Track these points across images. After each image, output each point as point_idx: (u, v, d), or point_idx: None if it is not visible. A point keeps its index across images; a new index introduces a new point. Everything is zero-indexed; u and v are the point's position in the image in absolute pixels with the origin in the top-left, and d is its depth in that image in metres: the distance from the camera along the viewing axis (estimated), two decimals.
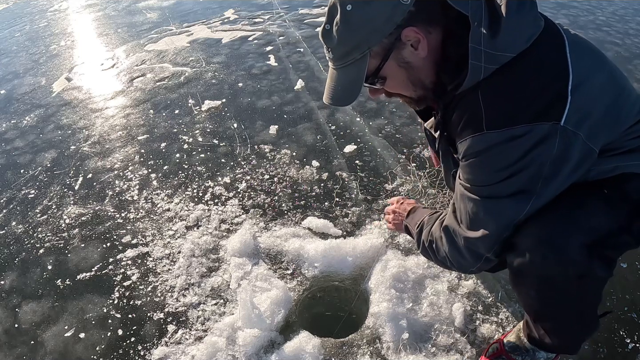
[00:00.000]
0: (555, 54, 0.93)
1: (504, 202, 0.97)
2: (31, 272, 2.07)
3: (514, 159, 0.91)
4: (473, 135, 0.95)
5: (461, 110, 0.99)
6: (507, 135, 0.89)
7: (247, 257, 1.94)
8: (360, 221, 2.09)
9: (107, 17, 6.36)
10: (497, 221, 1.01)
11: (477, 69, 0.92)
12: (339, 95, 1.08)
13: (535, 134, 0.88)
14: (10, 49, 5.53)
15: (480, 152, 0.95)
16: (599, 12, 4.96)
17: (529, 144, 0.89)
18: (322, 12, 5.29)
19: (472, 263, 1.13)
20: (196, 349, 1.60)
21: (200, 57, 4.27)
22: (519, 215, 0.98)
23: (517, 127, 0.88)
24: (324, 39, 1.03)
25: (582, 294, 1.08)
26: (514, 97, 0.91)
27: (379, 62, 1.01)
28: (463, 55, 0.93)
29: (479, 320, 1.60)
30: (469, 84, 0.95)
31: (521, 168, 0.91)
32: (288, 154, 2.67)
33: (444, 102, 1.04)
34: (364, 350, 1.54)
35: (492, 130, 0.91)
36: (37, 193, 2.61)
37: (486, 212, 1.01)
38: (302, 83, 3.52)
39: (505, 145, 0.90)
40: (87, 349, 1.67)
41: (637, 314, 1.59)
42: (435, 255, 1.22)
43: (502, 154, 0.92)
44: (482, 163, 0.96)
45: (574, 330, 1.21)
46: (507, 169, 0.92)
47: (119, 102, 3.62)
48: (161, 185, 2.52)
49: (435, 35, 0.98)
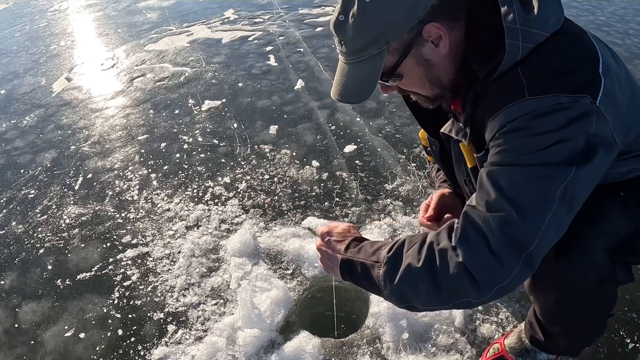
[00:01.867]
0: (583, 37, 0.90)
1: (548, 169, 0.82)
2: (31, 272, 2.07)
3: (558, 125, 0.82)
4: (513, 103, 0.85)
5: (498, 90, 0.90)
6: (552, 101, 0.82)
7: (247, 257, 1.94)
8: (360, 221, 2.09)
9: (107, 17, 6.36)
10: (544, 192, 0.82)
11: (515, 48, 0.86)
12: (350, 92, 0.99)
13: (579, 105, 0.82)
14: (10, 49, 5.54)
15: (521, 116, 0.84)
16: (599, 12, 4.96)
17: (573, 113, 0.81)
18: (322, 12, 5.29)
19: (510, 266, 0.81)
20: (196, 349, 1.59)
21: (200, 57, 4.27)
22: (561, 185, 0.82)
23: (561, 95, 0.82)
24: (336, 30, 0.94)
25: (600, 299, 1.08)
26: (554, 71, 0.86)
27: (396, 59, 0.94)
28: (493, 39, 0.89)
29: (479, 320, 1.60)
30: (506, 66, 0.88)
31: (565, 137, 0.82)
32: (288, 154, 2.67)
33: (476, 90, 0.94)
34: (364, 350, 1.54)
35: (536, 96, 0.83)
36: (37, 193, 2.61)
37: (531, 183, 0.83)
38: (302, 83, 3.52)
39: (550, 110, 0.82)
40: (87, 349, 1.67)
41: (637, 314, 1.59)
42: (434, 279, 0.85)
43: (547, 119, 0.82)
44: (524, 128, 0.84)
45: (584, 333, 1.21)
46: (552, 134, 0.82)
47: (119, 102, 3.63)
48: (161, 185, 2.52)
49: (458, 31, 0.93)
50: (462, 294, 0.84)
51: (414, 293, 0.88)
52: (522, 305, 1.64)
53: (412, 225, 2.02)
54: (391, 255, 0.92)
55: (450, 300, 0.86)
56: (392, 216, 2.09)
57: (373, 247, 0.99)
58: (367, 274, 0.96)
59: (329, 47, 4.22)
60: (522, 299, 1.66)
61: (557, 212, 0.82)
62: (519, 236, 0.81)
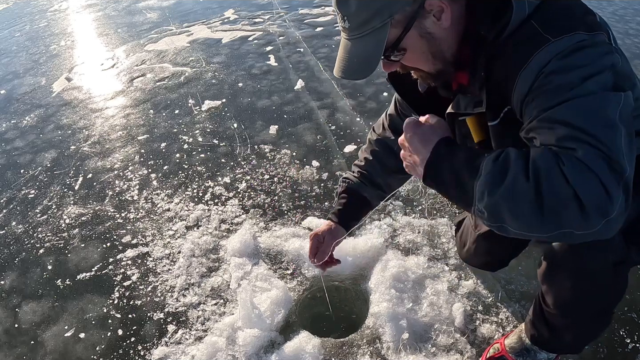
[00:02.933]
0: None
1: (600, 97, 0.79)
2: (31, 272, 2.07)
3: (592, 58, 0.81)
4: (539, 50, 0.83)
5: (515, 45, 0.88)
6: (577, 38, 0.82)
7: (247, 257, 1.94)
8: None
9: (107, 17, 6.36)
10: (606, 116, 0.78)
11: (522, 5, 0.88)
12: (354, 68, 0.97)
13: (600, 42, 0.84)
14: (10, 49, 5.54)
15: (554, 57, 0.82)
16: (599, 12, 4.89)
17: (600, 48, 0.83)
18: (322, 12, 5.29)
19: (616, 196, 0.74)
20: (196, 349, 1.59)
21: (200, 57, 4.27)
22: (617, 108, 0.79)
23: (582, 33, 0.83)
24: (339, 6, 0.93)
25: (614, 283, 1.08)
26: (567, 15, 0.88)
27: (400, 32, 0.93)
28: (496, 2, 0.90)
29: (479, 320, 1.60)
30: (516, 23, 0.89)
31: (602, 68, 0.81)
32: (288, 154, 2.66)
33: (487, 54, 0.93)
34: (364, 350, 1.54)
35: (559, 37, 0.83)
36: (37, 193, 2.61)
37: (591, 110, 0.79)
38: (302, 83, 3.52)
39: (578, 46, 0.82)
40: (87, 349, 1.67)
41: (637, 314, 1.59)
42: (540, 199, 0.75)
43: (579, 53, 0.82)
44: (563, 65, 0.82)
45: (591, 326, 1.21)
46: (589, 66, 0.81)
47: (119, 102, 3.63)
48: (161, 185, 2.52)
49: (460, 3, 0.94)
50: (566, 222, 0.75)
51: (513, 212, 0.78)
52: (522, 305, 1.64)
53: (412, 225, 2.02)
54: (498, 164, 0.79)
55: (551, 225, 0.77)
56: (392, 216, 2.09)
57: (468, 153, 0.88)
58: (458, 181, 0.85)
59: (329, 47, 4.22)
60: (522, 299, 1.66)
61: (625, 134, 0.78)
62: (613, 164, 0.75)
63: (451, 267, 1.80)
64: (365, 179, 1.45)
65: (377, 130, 1.49)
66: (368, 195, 1.45)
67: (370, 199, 1.46)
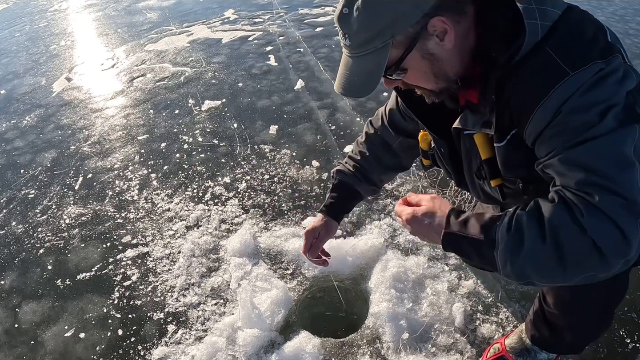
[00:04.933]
0: (586, 11, 0.93)
1: (615, 135, 0.82)
2: (31, 272, 2.07)
3: (608, 93, 0.83)
4: (559, 84, 0.84)
5: (528, 73, 0.88)
6: (595, 69, 0.83)
7: (247, 257, 1.94)
8: (360, 221, 2.09)
9: (107, 17, 6.36)
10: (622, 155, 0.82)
11: (534, 28, 0.87)
12: (354, 86, 0.98)
13: (617, 66, 0.84)
14: (10, 49, 5.54)
15: (574, 94, 0.83)
16: (599, 12, 4.96)
17: (616, 76, 0.84)
18: (322, 12, 5.29)
19: (633, 237, 0.80)
20: (196, 349, 1.59)
21: (200, 57, 4.27)
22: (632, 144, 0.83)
23: (599, 62, 0.83)
24: (340, 24, 0.93)
25: (614, 284, 1.08)
26: (581, 42, 0.87)
27: (401, 53, 0.93)
28: (509, 22, 0.89)
29: (479, 320, 1.60)
30: (528, 47, 0.87)
31: (617, 101, 0.83)
32: (288, 154, 2.66)
33: (498, 76, 0.92)
34: (364, 350, 1.54)
35: (578, 70, 0.83)
36: (37, 193, 2.61)
37: (608, 152, 0.82)
38: (302, 83, 3.51)
39: (596, 80, 0.83)
40: (87, 349, 1.67)
41: (637, 314, 1.59)
42: (562, 256, 0.82)
43: (597, 89, 0.83)
44: (581, 103, 0.83)
45: (592, 326, 1.21)
46: (604, 103, 0.83)
47: (119, 102, 3.63)
48: (161, 185, 2.52)
49: (464, 24, 0.93)
50: (588, 269, 0.83)
51: (537, 272, 0.86)
52: (522, 305, 1.64)
53: None
54: (512, 235, 0.86)
55: (575, 276, 0.84)
56: (392, 216, 2.09)
57: (480, 222, 0.93)
58: (478, 251, 0.92)
59: (329, 47, 4.22)
60: (522, 299, 1.66)
61: None
62: (630, 205, 0.80)
63: (451, 267, 1.80)
64: (360, 174, 1.44)
65: (375, 124, 1.48)
66: (361, 190, 1.45)
67: (363, 193, 1.46)
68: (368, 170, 1.44)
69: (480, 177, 1.11)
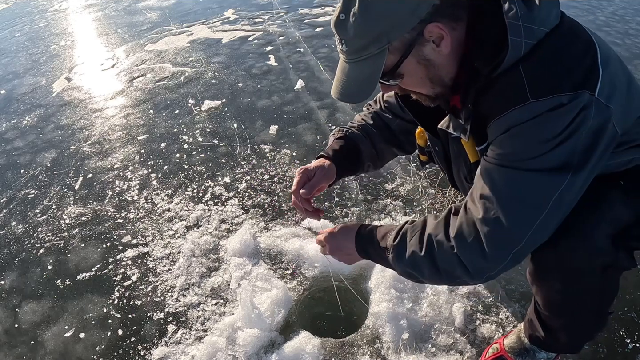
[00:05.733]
0: (579, 30, 0.92)
1: (545, 176, 0.88)
2: (31, 272, 2.07)
3: (560, 129, 0.85)
4: (517, 107, 0.87)
5: (500, 88, 0.91)
6: (555, 102, 0.84)
7: (247, 257, 1.94)
8: (361, 221, 2.09)
9: (107, 17, 6.36)
10: (539, 198, 0.89)
11: (518, 45, 0.88)
12: (351, 92, 0.99)
13: (578, 102, 0.84)
14: (10, 49, 5.54)
15: (525, 122, 0.87)
16: (599, 12, 4.96)
17: (573, 112, 0.84)
18: (322, 12, 5.29)
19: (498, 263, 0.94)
20: (196, 349, 1.60)
21: (200, 57, 4.27)
22: (556, 192, 0.89)
23: (562, 95, 0.84)
24: (337, 29, 0.93)
25: (604, 287, 1.08)
26: (555, 69, 0.87)
27: (397, 59, 0.94)
28: (497, 36, 0.90)
29: (479, 320, 1.60)
30: (509, 63, 0.89)
31: (565, 138, 0.86)
32: (288, 154, 2.67)
33: (478, 87, 0.95)
34: (364, 350, 1.54)
35: (538, 99, 0.85)
36: (37, 193, 2.61)
37: (527, 187, 0.89)
38: (302, 83, 3.52)
39: (552, 113, 0.85)
40: (87, 349, 1.67)
41: (637, 314, 1.59)
42: (435, 265, 1.00)
43: (549, 123, 0.85)
44: (527, 134, 0.88)
45: (585, 327, 1.21)
46: (554, 139, 0.86)
47: (119, 102, 3.63)
48: (161, 185, 2.52)
49: (460, 30, 0.93)
50: (458, 277, 0.99)
51: (420, 274, 1.04)
52: (522, 305, 1.64)
53: None
54: (397, 243, 1.06)
55: (450, 280, 1.02)
56: (392, 216, 2.09)
57: (381, 233, 1.14)
58: (381, 257, 1.13)
59: (329, 47, 4.22)
60: (522, 299, 1.66)
61: (547, 216, 0.91)
62: (508, 239, 0.92)
63: None
64: (364, 132, 1.41)
65: (374, 107, 1.47)
66: (364, 149, 1.39)
67: (364, 156, 1.40)
68: (370, 134, 1.42)
69: (469, 180, 1.13)
